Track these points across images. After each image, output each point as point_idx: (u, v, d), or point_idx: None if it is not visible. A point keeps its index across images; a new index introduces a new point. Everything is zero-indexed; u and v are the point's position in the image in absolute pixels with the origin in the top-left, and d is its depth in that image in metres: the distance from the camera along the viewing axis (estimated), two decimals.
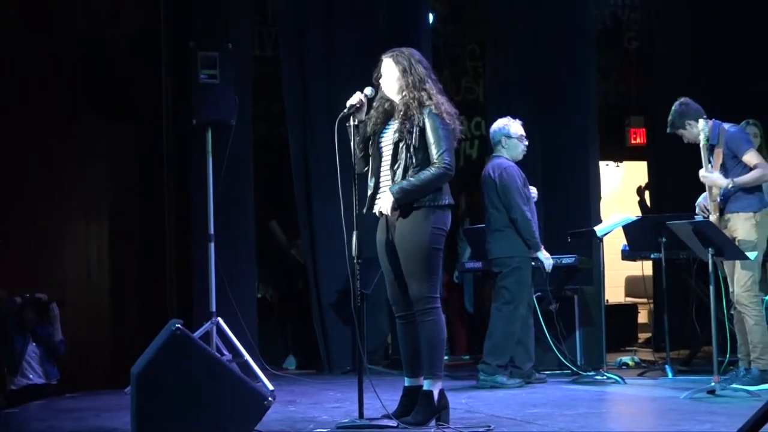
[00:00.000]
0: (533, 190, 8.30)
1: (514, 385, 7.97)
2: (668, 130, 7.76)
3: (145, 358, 5.56)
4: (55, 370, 8.97)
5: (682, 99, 7.75)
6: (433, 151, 5.80)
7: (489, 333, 8.13)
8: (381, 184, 5.98)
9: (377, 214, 5.93)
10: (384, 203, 5.85)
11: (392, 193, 5.81)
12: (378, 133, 6.03)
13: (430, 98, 5.87)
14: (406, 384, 5.97)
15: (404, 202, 5.82)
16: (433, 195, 5.83)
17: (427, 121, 5.82)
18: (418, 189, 5.80)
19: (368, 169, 6.08)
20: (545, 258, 8.14)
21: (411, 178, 5.80)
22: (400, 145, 5.87)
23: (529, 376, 8.19)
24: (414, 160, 5.83)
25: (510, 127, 8.29)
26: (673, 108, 7.73)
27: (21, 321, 8.92)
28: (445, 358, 10.33)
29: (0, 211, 9.39)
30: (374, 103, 6.05)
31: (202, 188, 8.44)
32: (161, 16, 9.40)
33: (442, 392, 5.87)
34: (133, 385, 5.55)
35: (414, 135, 5.83)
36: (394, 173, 5.88)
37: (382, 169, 5.99)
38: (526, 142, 8.34)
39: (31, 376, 8.86)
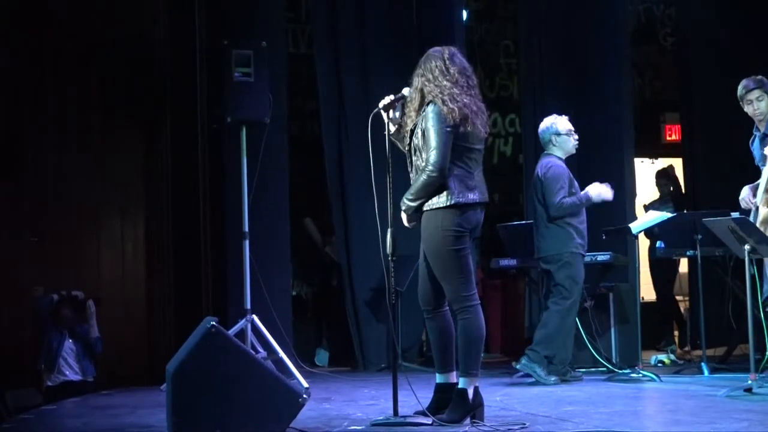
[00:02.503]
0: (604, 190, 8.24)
1: (549, 382, 7.95)
2: (754, 86, 7.50)
3: (181, 356, 5.58)
4: (91, 367, 9.03)
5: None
6: (423, 155, 5.81)
7: (544, 322, 8.08)
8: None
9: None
10: (403, 217, 5.95)
11: (401, 208, 5.89)
12: (408, 134, 6.05)
13: (440, 93, 5.83)
14: (438, 381, 5.97)
15: (413, 211, 5.88)
16: (437, 197, 5.81)
17: (428, 119, 5.80)
18: (416, 198, 5.84)
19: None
20: (603, 193, 8.13)
21: (409, 192, 5.86)
22: (412, 146, 5.93)
23: (564, 374, 8.17)
24: (422, 162, 5.85)
25: (557, 124, 8.28)
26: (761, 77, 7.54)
27: (58, 318, 8.98)
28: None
29: (36, 209, 9.46)
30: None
31: (237, 186, 8.45)
32: (195, 14, 9.44)
33: (476, 390, 5.86)
34: (168, 382, 5.58)
35: (418, 137, 5.85)
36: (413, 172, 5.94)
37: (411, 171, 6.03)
38: (576, 136, 8.30)
39: (67, 372, 8.91)
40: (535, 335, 8.14)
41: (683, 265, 10.88)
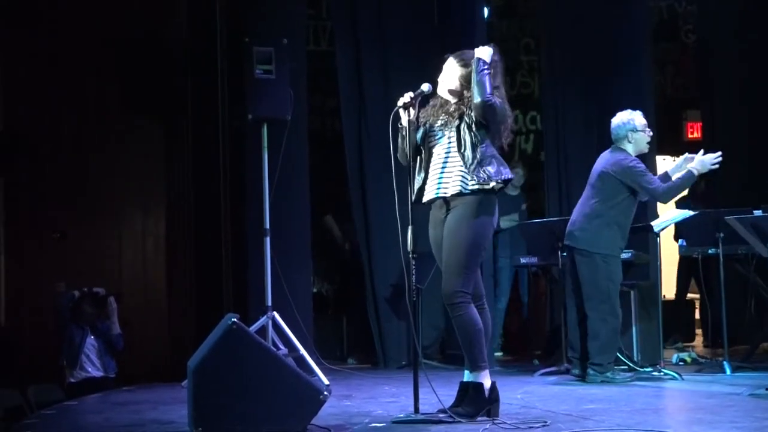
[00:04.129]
0: None
1: (625, 380, 7.93)
2: None
3: (202, 352, 5.59)
4: (113, 363, 9.06)
5: None
6: (472, 151, 5.85)
7: (593, 335, 7.98)
8: (430, 178, 5.99)
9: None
10: (484, 51, 5.94)
11: (489, 62, 5.89)
12: (431, 129, 6.02)
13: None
14: (466, 378, 5.95)
15: (478, 69, 5.86)
16: (493, 173, 5.80)
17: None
18: (484, 89, 5.82)
19: (414, 164, 6.06)
20: (707, 159, 7.92)
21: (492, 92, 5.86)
22: (462, 127, 5.88)
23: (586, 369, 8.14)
24: (478, 137, 5.85)
25: (635, 120, 8.12)
26: None
27: (79, 314, 9.01)
28: (499, 354, 10.40)
29: (59, 206, 9.51)
30: (431, 101, 6.05)
31: (258, 183, 8.46)
32: (217, 12, 9.45)
33: (494, 385, 5.85)
34: (189, 378, 5.59)
35: (471, 115, 5.85)
36: (463, 156, 5.87)
37: (432, 163, 5.98)
38: (650, 132, 8.21)
39: (89, 369, 8.94)
40: (589, 348, 8.05)
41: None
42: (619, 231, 8.01)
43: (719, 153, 7.90)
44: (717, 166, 7.92)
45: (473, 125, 5.86)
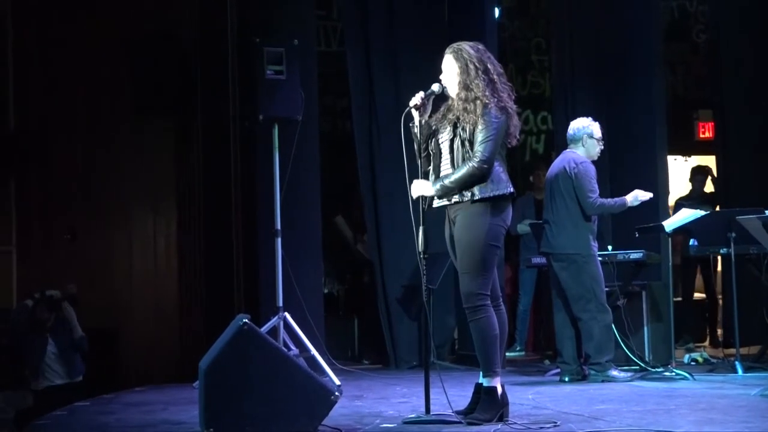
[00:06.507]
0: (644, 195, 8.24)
1: (625, 379, 7.96)
2: None
3: (213, 353, 5.60)
4: (80, 366, 9.01)
5: None
6: (476, 141, 5.77)
7: (587, 336, 8.03)
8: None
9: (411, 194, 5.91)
10: (417, 189, 5.87)
11: (434, 188, 5.82)
12: (438, 130, 5.99)
13: (485, 96, 5.81)
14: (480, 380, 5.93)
15: (440, 195, 5.84)
16: (489, 187, 5.78)
17: (480, 117, 5.77)
18: (458, 186, 5.78)
19: (426, 165, 6.04)
20: (640, 195, 8.10)
21: (450, 177, 5.78)
22: (455, 141, 5.84)
23: (578, 373, 8.14)
24: (470, 155, 5.80)
25: (593, 127, 8.29)
26: None
27: (36, 323, 8.96)
28: (513, 354, 10.39)
29: (69, 206, 9.52)
30: (443, 103, 6.01)
31: (269, 184, 8.46)
32: (228, 12, 9.45)
33: (503, 388, 5.83)
34: (201, 379, 5.60)
35: (468, 131, 5.79)
36: (454, 169, 5.86)
37: (442, 166, 5.95)
38: (602, 145, 8.32)
39: (52, 377, 8.91)
40: (585, 350, 8.10)
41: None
42: (587, 230, 8.09)
43: (651, 194, 8.23)
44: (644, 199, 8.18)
45: (466, 142, 5.80)
